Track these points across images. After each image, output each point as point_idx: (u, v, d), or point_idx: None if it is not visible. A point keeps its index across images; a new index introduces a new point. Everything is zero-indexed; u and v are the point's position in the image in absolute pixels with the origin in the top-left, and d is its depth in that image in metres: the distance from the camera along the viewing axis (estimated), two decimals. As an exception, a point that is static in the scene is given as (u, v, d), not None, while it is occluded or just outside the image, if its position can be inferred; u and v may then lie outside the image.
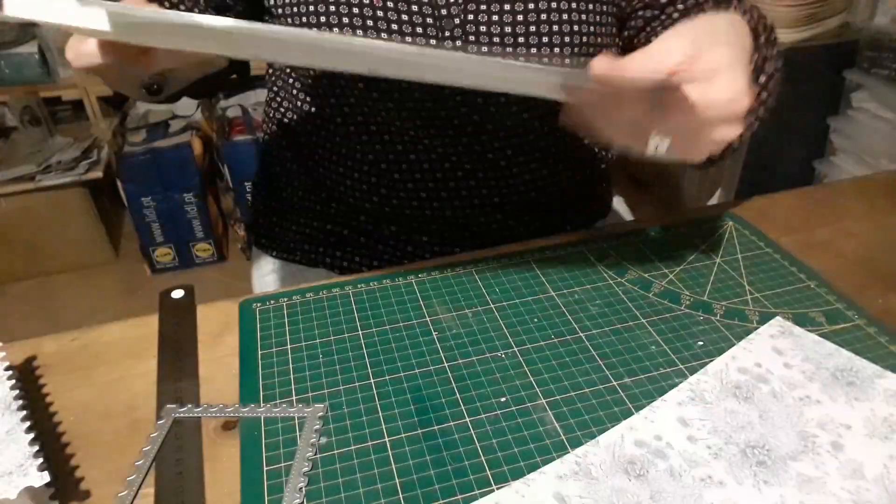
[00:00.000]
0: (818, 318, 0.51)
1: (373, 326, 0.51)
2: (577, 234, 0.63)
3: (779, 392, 0.45)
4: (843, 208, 0.66)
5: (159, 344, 0.51)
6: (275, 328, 0.51)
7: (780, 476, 0.39)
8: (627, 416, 0.43)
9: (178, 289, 0.55)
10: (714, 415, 0.43)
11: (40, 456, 0.37)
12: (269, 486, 0.39)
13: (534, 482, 0.39)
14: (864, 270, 0.57)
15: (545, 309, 0.53)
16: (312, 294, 0.55)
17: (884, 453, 0.40)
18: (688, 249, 0.60)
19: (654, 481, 0.39)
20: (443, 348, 0.49)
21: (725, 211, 0.65)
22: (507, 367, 0.47)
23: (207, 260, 1.86)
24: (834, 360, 0.47)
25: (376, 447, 0.42)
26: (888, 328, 0.50)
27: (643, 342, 0.49)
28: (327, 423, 0.43)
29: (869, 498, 0.38)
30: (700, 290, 0.55)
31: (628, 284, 0.56)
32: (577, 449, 0.41)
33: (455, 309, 0.53)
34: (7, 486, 0.35)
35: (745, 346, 0.48)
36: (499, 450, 0.41)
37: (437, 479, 0.40)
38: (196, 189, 1.73)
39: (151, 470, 0.41)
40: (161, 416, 0.44)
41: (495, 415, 0.44)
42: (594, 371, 0.47)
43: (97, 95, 1.76)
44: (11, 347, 0.50)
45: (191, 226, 1.79)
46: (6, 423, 0.39)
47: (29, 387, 0.47)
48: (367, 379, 0.47)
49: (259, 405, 0.45)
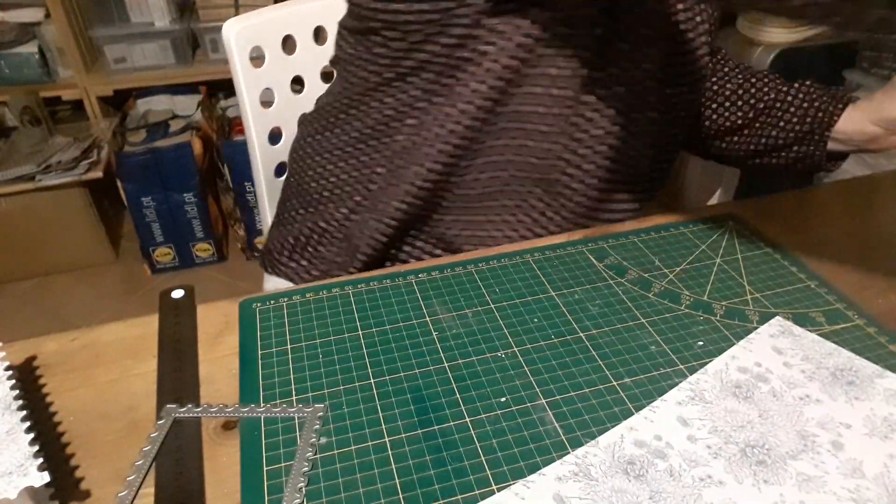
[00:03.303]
0: (818, 318, 0.51)
1: (373, 326, 0.51)
2: (577, 233, 0.63)
3: (779, 391, 0.45)
4: (843, 208, 0.66)
5: (159, 344, 0.51)
6: (275, 328, 0.51)
7: (780, 475, 0.39)
8: (627, 416, 0.43)
9: (178, 289, 0.55)
10: (714, 414, 0.43)
11: (40, 456, 0.37)
12: (269, 486, 0.39)
13: (533, 484, 0.39)
14: (864, 270, 0.57)
15: (545, 309, 0.53)
16: (312, 294, 0.55)
17: (883, 452, 0.40)
18: (688, 249, 0.60)
19: (654, 481, 0.39)
20: (443, 348, 0.49)
21: (725, 211, 0.65)
22: (507, 367, 0.47)
23: (207, 260, 1.86)
24: (834, 359, 0.47)
25: (376, 447, 0.42)
26: (888, 328, 0.50)
27: (643, 342, 0.49)
28: (327, 423, 0.43)
29: (869, 497, 0.38)
30: (700, 290, 0.55)
31: (628, 284, 0.56)
32: (576, 450, 0.41)
33: (455, 309, 0.53)
34: (7, 486, 0.35)
35: (745, 345, 0.48)
36: (499, 450, 0.41)
37: (437, 479, 0.40)
38: (196, 189, 1.73)
39: (151, 470, 0.41)
40: (161, 416, 0.44)
41: (495, 415, 0.44)
42: (594, 371, 0.47)
43: (97, 95, 1.76)
44: (11, 347, 0.50)
45: (191, 226, 1.79)
46: (6, 423, 0.39)
47: (29, 387, 0.47)
48: (367, 379, 0.47)
49: (259, 405, 0.45)
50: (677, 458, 0.40)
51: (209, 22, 1.73)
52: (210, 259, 1.86)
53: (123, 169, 1.67)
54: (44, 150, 1.71)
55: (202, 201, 1.75)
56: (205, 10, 1.74)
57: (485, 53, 0.56)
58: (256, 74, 0.82)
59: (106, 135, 1.77)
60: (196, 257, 1.85)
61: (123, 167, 1.66)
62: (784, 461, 0.40)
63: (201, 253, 1.84)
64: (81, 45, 1.73)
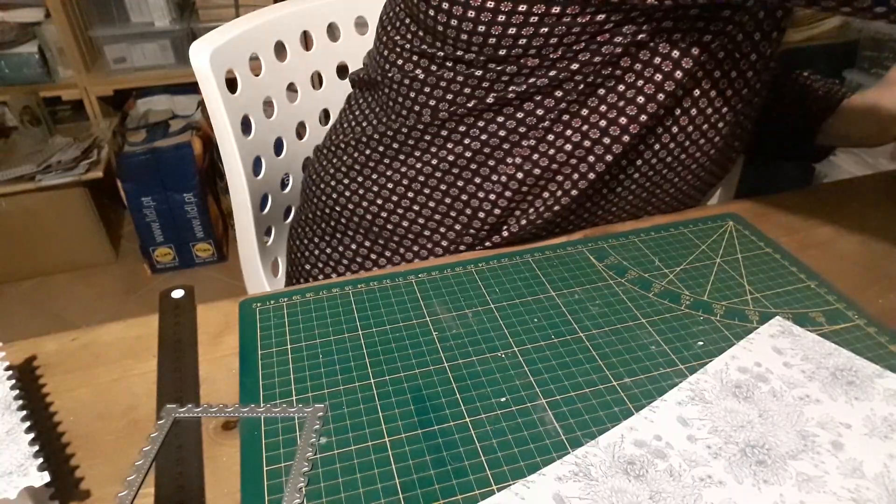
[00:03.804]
0: (818, 318, 0.51)
1: (373, 326, 0.51)
2: (577, 233, 0.63)
3: (779, 391, 0.45)
4: (843, 208, 0.66)
5: (159, 344, 0.51)
6: (275, 328, 0.51)
7: (780, 475, 0.39)
8: (627, 416, 0.43)
9: (178, 289, 0.55)
10: (714, 414, 0.43)
11: (40, 456, 0.37)
12: (269, 486, 0.39)
13: (533, 484, 0.39)
14: (864, 270, 0.57)
15: (545, 309, 0.53)
16: (312, 294, 0.55)
17: (883, 452, 0.40)
18: (688, 249, 0.60)
19: (654, 481, 0.39)
20: (443, 348, 0.49)
21: (725, 211, 0.65)
22: (507, 367, 0.47)
23: (207, 260, 1.86)
24: (834, 359, 0.47)
25: (376, 447, 0.42)
26: (888, 328, 0.50)
27: (643, 342, 0.49)
28: (327, 423, 0.43)
29: (869, 497, 0.38)
30: (700, 290, 0.55)
31: (628, 284, 0.56)
32: (576, 450, 0.41)
33: (455, 309, 0.53)
34: (7, 486, 0.35)
35: (745, 345, 0.48)
36: (499, 450, 0.41)
37: (437, 479, 0.40)
38: (196, 189, 1.73)
39: (151, 470, 0.41)
40: (161, 416, 0.44)
41: (495, 415, 0.44)
42: (594, 371, 0.47)
43: (97, 95, 1.76)
44: (11, 347, 0.50)
45: (191, 226, 1.79)
46: (6, 423, 0.39)
47: (29, 387, 0.47)
48: (367, 379, 0.47)
49: (259, 405, 0.45)
50: (677, 458, 0.40)
51: (209, 22, 1.74)
52: (210, 259, 1.86)
53: (123, 169, 1.67)
54: (44, 150, 1.71)
55: (202, 201, 1.75)
56: (205, 10, 1.74)
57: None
58: (234, 99, 0.73)
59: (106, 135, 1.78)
60: (196, 257, 1.85)
61: (123, 167, 1.66)
62: (784, 461, 0.40)
63: (201, 253, 1.84)
64: (81, 45, 1.73)
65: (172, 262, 1.84)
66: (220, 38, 0.71)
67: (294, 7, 0.80)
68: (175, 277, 1.84)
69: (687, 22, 0.52)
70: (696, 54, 0.54)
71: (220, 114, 0.71)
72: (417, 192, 0.62)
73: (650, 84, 0.54)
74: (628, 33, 0.52)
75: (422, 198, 0.62)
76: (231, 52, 0.72)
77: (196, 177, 1.72)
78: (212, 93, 0.70)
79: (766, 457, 0.40)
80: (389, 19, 0.63)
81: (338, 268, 0.69)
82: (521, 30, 0.52)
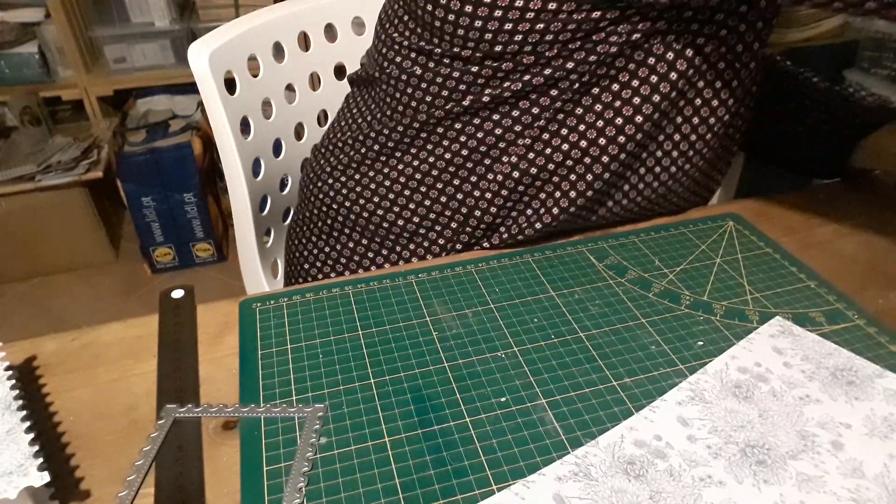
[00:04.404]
0: (818, 318, 0.51)
1: (373, 326, 0.51)
2: (577, 234, 0.63)
3: (778, 391, 0.45)
4: (843, 208, 0.66)
5: (159, 344, 0.51)
6: (275, 328, 0.51)
7: (780, 475, 0.39)
8: (627, 416, 0.43)
9: (178, 289, 0.55)
10: (714, 414, 0.43)
11: (40, 456, 0.37)
12: (269, 486, 0.39)
13: (533, 484, 0.39)
14: (864, 270, 0.57)
15: (545, 309, 0.53)
16: (312, 294, 0.55)
17: (884, 452, 0.40)
18: (688, 249, 0.60)
19: (654, 481, 0.39)
20: (443, 348, 0.49)
21: (725, 211, 0.65)
22: (507, 367, 0.47)
23: (207, 260, 1.86)
24: (834, 359, 0.47)
25: (376, 447, 0.42)
26: (888, 328, 0.50)
27: (643, 342, 0.49)
28: (327, 423, 0.43)
29: (869, 497, 0.38)
30: (700, 290, 0.55)
31: (628, 284, 0.56)
32: (576, 450, 0.41)
33: (455, 309, 0.53)
34: (7, 486, 0.35)
35: (745, 345, 0.48)
36: (499, 450, 0.41)
37: (437, 479, 0.40)
38: (196, 189, 1.73)
39: (151, 470, 0.41)
40: (161, 416, 0.44)
41: (495, 415, 0.44)
42: (594, 371, 0.47)
43: (97, 95, 1.76)
44: (11, 347, 0.50)
45: (191, 226, 1.79)
46: (6, 423, 0.39)
47: (29, 387, 0.47)
48: (367, 379, 0.47)
49: (259, 405, 0.45)
50: (677, 458, 0.40)
51: (209, 22, 1.74)
52: (210, 259, 1.86)
53: (123, 169, 1.67)
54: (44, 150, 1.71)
55: (202, 201, 1.75)
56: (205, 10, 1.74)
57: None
58: (232, 100, 0.72)
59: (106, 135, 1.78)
60: (196, 257, 1.85)
61: (123, 167, 1.67)
62: (784, 461, 0.40)
63: (201, 253, 1.84)
64: (81, 45, 1.73)
65: (172, 262, 1.84)
66: (219, 39, 0.71)
67: (292, 8, 0.80)
68: (175, 277, 1.84)
69: (681, 24, 0.53)
70: (690, 56, 0.54)
71: (220, 115, 0.71)
72: (413, 190, 0.62)
73: (645, 85, 0.55)
74: (623, 33, 0.52)
75: (417, 196, 0.62)
76: (229, 53, 0.72)
77: (196, 177, 1.72)
78: (211, 94, 0.70)
79: (766, 457, 0.40)
80: (388, 17, 0.63)
81: (336, 267, 0.70)
82: (517, 25, 0.52)
